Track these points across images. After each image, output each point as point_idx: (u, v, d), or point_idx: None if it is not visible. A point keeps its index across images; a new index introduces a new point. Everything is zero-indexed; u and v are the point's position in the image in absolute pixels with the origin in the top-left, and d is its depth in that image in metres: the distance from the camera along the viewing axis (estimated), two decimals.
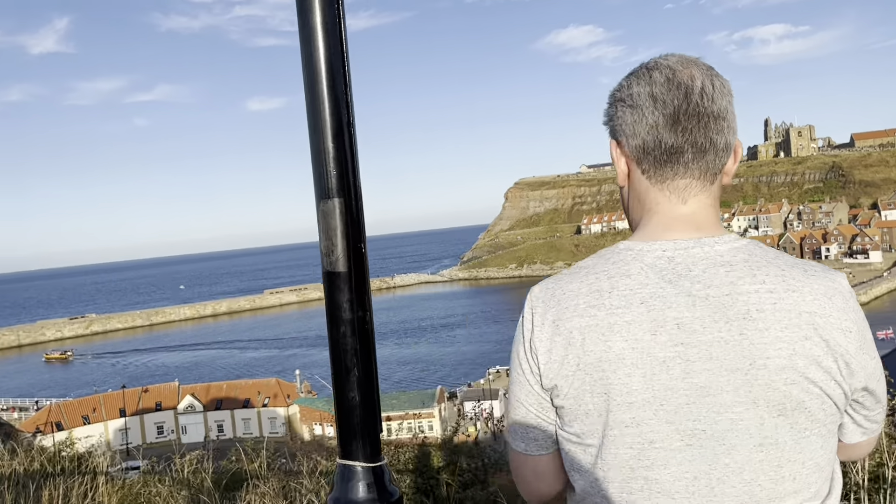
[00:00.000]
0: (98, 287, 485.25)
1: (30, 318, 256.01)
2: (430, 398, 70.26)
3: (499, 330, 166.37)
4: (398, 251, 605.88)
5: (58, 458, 8.59)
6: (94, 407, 73.86)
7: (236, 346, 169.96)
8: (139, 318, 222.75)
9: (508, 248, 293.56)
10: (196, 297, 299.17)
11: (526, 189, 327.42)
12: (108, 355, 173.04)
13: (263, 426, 74.60)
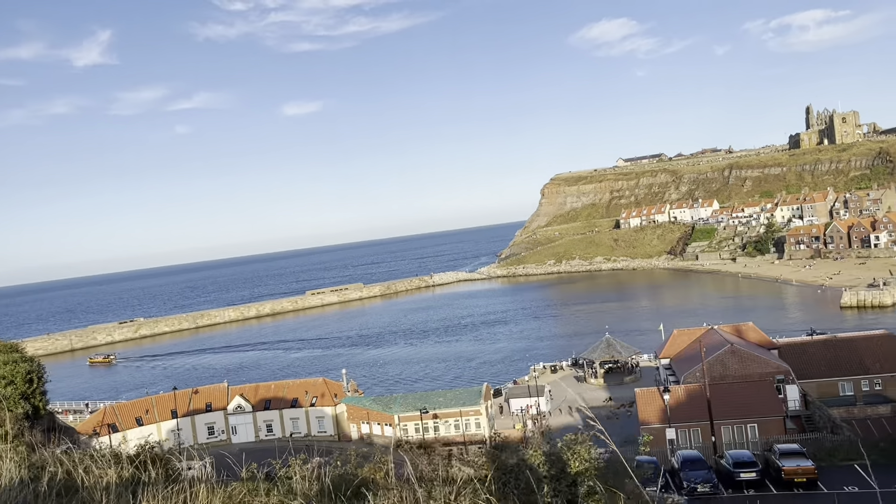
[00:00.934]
0: (145, 292, 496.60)
1: (81, 323, 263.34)
2: (477, 395, 70.30)
3: (539, 326, 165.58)
4: (435, 250, 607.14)
5: (147, 462, 8.84)
6: (146, 408, 75.62)
7: (280, 346, 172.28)
8: (185, 322, 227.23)
9: (546, 244, 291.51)
10: (238, 299, 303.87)
11: (562, 184, 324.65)
12: (148, 358, 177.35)
13: (312, 425, 75.58)
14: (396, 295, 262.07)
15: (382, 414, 71.27)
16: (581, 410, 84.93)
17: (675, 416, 49.66)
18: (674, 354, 72.61)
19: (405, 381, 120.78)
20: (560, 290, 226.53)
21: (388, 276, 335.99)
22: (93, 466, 7.63)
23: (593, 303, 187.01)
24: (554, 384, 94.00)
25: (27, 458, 7.37)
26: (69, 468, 7.07)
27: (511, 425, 79.20)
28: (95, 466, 6.66)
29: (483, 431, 69.92)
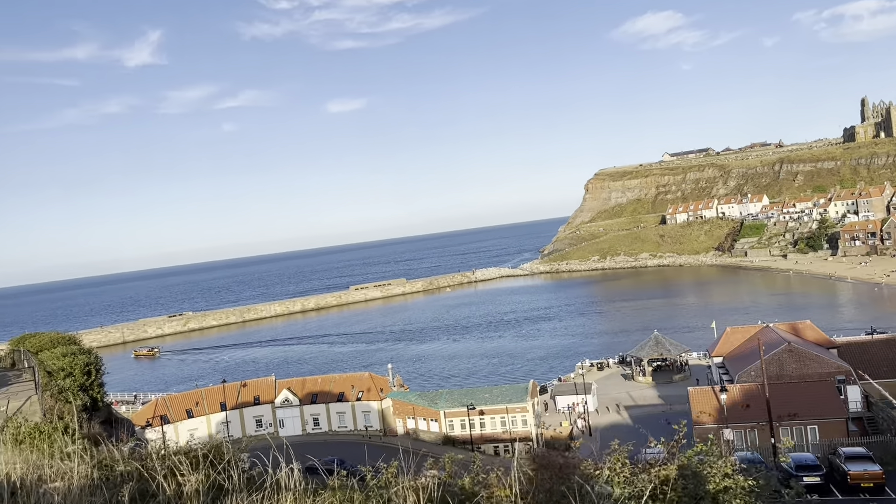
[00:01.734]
0: (192, 286, 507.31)
1: (132, 316, 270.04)
2: (523, 392, 69.51)
3: (584, 323, 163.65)
4: (477, 246, 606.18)
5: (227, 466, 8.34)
6: (196, 401, 76.75)
7: (325, 341, 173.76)
8: (232, 316, 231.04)
9: (590, 239, 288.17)
10: (283, 294, 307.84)
11: (607, 179, 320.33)
12: (192, 351, 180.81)
13: (358, 420, 75.77)
14: (439, 290, 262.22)
15: (428, 409, 71.02)
16: (628, 409, 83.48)
17: (731, 416, 48.15)
18: (727, 352, 70.67)
19: (448, 376, 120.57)
20: (604, 286, 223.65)
21: (430, 271, 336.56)
22: (158, 467, 7.24)
23: (639, 299, 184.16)
24: (600, 382, 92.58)
25: (95, 457, 6.97)
26: (140, 469, 6.65)
27: (557, 423, 78.24)
28: (172, 468, 6.14)
29: (529, 429, 69.12)
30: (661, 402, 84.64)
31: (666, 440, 9.68)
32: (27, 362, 31.45)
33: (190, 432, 71.62)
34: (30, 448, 14.65)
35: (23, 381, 29.89)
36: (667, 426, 45.99)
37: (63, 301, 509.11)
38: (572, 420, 76.37)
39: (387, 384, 78.27)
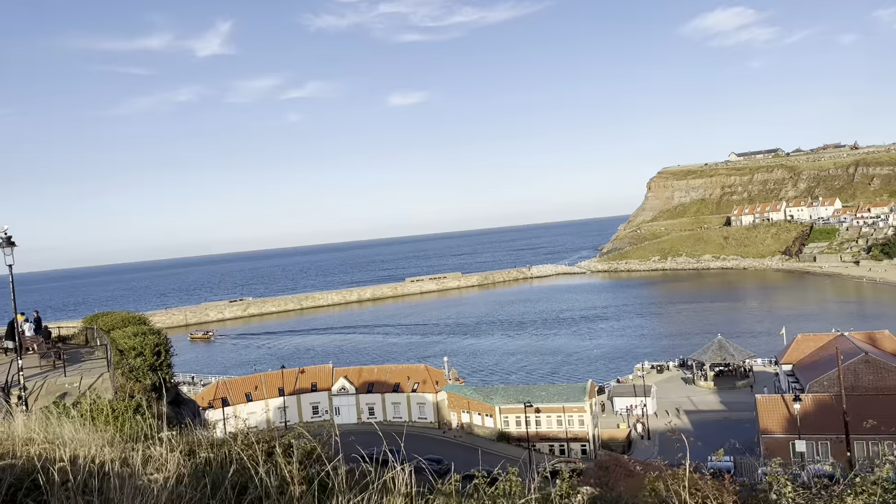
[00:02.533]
0: (253, 272, 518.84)
1: (195, 300, 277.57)
2: (581, 392, 68.27)
3: (642, 324, 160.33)
4: (533, 242, 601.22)
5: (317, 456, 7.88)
6: (255, 385, 78.05)
7: (380, 331, 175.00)
8: (291, 303, 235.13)
9: (651, 239, 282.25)
10: (340, 283, 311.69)
11: (671, 178, 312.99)
12: (245, 336, 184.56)
13: (413, 411, 75.79)
14: (494, 285, 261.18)
15: (483, 404, 70.49)
16: (688, 414, 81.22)
17: (805, 427, 46.04)
18: (797, 360, 67.87)
19: (501, 372, 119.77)
20: (665, 287, 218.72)
21: (485, 266, 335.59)
22: (260, 459, 6.74)
23: (700, 302, 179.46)
24: (659, 385, 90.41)
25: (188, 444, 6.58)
26: (245, 460, 6.22)
27: (614, 424, 76.70)
28: (265, 460, 5.67)
29: (586, 429, 67.86)
30: (723, 407, 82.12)
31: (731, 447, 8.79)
32: (99, 340, 32.20)
33: (249, 416, 72.93)
34: (104, 425, 14.65)
35: (95, 358, 30.59)
36: (729, 433, 43.96)
37: (130, 283, 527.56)
38: (630, 422, 74.74)
39: (442, 377, 78.04)
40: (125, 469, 5.19)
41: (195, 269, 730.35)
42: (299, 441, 7.92)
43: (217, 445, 6.97)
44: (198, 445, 7.02)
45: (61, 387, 24.81)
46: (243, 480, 5.16)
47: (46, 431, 9.47)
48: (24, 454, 6.20)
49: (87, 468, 5.10)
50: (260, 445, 7.66)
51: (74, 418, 14.35)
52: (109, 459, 5.35)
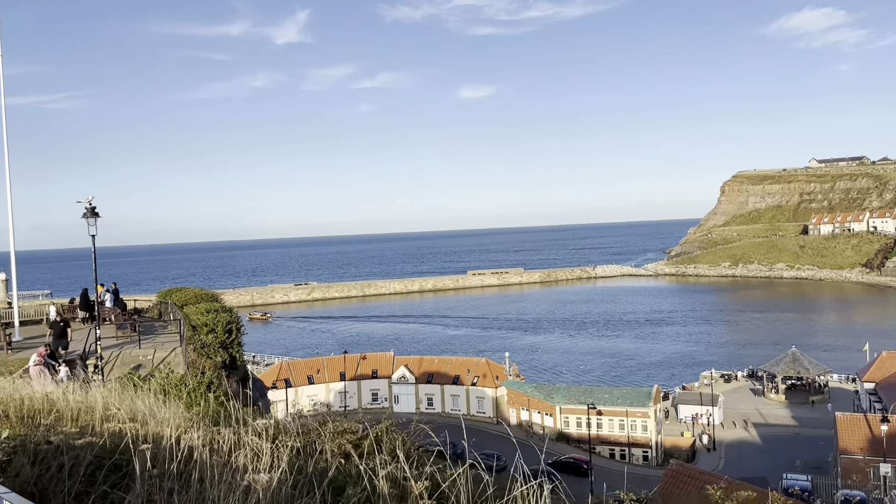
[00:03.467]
0: (319, 257, 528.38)
1: (262, 282, 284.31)
2: (646, 397, 66.38)
3: (709, 331, 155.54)
4: (597, 241, 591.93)
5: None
6: (318, 368, 78.91)
7: (440, 322, 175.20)
8: (354, 289, 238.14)
9: (722, 244, 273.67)
10: (402, 273, 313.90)
11: (746, 182, 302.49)
12: (300, 319, 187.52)
13: (471, 405, 75.27)
14: (556, 283, 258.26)
15: (543, 403, 69.35)
16: (757, 427, 78.14)
17: (892, 449, 43.37)
18: (881, 379, 64.25)
19: (560, 371, 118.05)
20: (734, 294, 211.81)
21: (547, 263, 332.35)
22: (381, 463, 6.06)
23: (772, 312, 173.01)
24: (727, 394, 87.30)
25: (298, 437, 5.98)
26: (319, 447, 5.65)
27: (678, 432, 74.42)
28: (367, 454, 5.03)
29: (650, 435, 65.97)
30: (794, 423, 78.71)
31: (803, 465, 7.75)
32: (173, 315, 32.78)
33: (309, 398, 73.84)
34: (176, 400, 14.45)
35: (168, 332, 31.11)
36: (800, 450, 41.44)
37: (202, 262, 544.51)
38: (695, 431, 72.35)
39: (503, 372, 77.20)
40: (215, 458, 4.67)
41: (263, 251, 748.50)
42: (393, 434, 7.32)
43: (304, 434, 6.40)
44: (284, 433, 6.47)
45: (135, 358, 25.20)
46: (340, 478, 4.53)
47: (126, 405, 9.14)
48: (104, 431, 5.77)
49: (174, 453, 4.61)
50: (346, 436, 7.08)
51: (150, 391, 14.17)
52: (199, 444, 4.85)
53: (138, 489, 4.40)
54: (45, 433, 6.23)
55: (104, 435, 5.46)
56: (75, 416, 8.20)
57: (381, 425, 7.78)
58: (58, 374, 20.85)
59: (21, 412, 7.89)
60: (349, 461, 4.98)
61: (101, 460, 5.39)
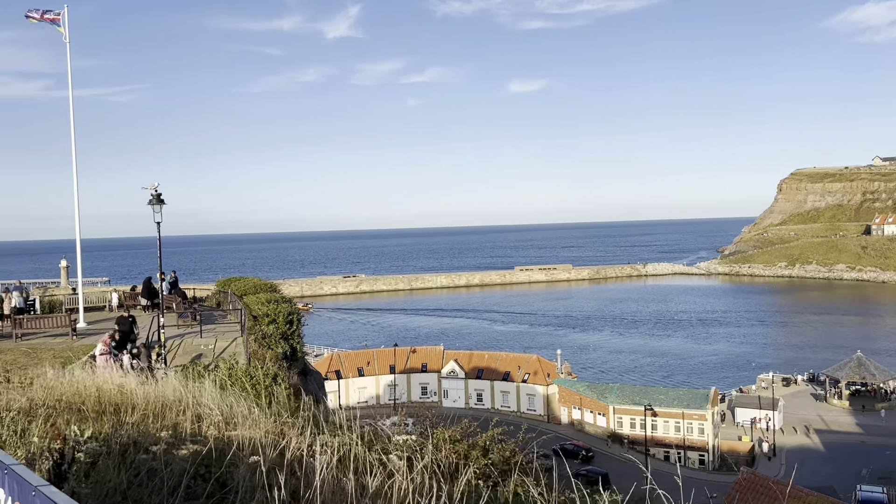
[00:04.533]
0: (366, 250, 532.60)
1: (311, 273, 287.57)
2: (703, 399, 64.43)
3: (764, 333, 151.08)
4: (647, 239, 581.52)
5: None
6: (368, 360, 78.93)
7: (487, 317, 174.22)
8: (401, 283, 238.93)
9: (778, 244, 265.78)
10: (448, 267, 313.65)
11: (805, 181, 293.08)
12: (341, 311, 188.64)
13: (521, 402, 74.29)
14: (605, 280, 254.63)
15: (596, 402, 67.97)
16: (819, 433, 75.27)
17: None
18: None
19: (610, 370, 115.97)
20: (791, 295, 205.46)
21: (594, 260, 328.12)
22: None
23: (831, 314, 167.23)
24: (786, 399, 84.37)
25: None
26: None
27: (735, 436, 72.16)
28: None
29: (706, 439, 64.04)
30: (859, 430, 75.60)
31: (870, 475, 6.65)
32: (232, 304, 32.75)
33: (359, 390, 73.89)
34: (240, 391, 13.94)
35: (227, 322, 31.03)
36: (865, 459, 39.03)
37: (251, 253, 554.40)
38: (754, 436, 70.00)
39: (554, 370, 76.00)
40: (344, 479, 3.94)
41: (312, 243, 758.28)
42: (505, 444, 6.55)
43: (417, 446, 5.66)
44: (389, 442, 5.76)
45: (197, 347, 25.09)
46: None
47: (211, 401, 8.59)
48: (203, 435, 5.13)
49: (292, 468, 3.93)
50: (458, 445, 6.33)
51: (234, 386, 13.67)
52: (325, 461, 4.11)
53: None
54: (135, 433, 5.61)
55: (205, 440, 4.82)
56: (157, 412, 7.64)
57: (489, 433, 7.00)
58: (122, 364, 20.75)
59: (99, 406, 7.35)
60: (490, 483, 4.23)
61: (198, 468, 4.74)
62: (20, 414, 7.02)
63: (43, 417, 6.95)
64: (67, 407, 7.67)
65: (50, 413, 6.99)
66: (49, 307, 34.86)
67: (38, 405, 7.73)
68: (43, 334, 28.26)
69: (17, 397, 8.02)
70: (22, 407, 7.40)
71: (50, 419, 6.83)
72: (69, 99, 30.00)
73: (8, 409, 7.48)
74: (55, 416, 6.85)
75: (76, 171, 31.24)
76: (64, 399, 7.92)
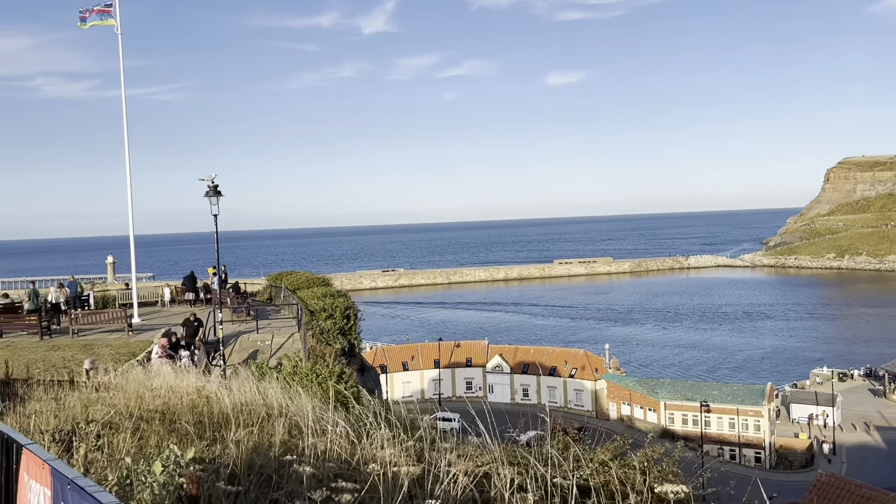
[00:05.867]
0: (403, 245, 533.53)
1: (349, 268, 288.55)
2: (759, 395, 62.32)
3: (814, 326, 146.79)
4: (686, 231, 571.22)
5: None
6: (412, 355, 78.30)
7: (526, 311, 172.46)
8: (439, 276, 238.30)
9: (826, 235, 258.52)
10: (485, 261, 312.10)
11: (853, 169, 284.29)
12: (370, 304, 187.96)
13: (569, 397, 72.91)
14: (647, 273, 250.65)
15: (647, 397, 66.30)
16: (879, 430, 72.39)
17: None
18: None
19: (655, 364, 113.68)
20: (841, 288, 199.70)
21: (634, 253, 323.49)
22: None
23: (884, 307, 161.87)
24: (843, 395, 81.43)
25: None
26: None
27: (791, 433, 69.79)
28: None
29: (762, 436, 61.96)
30: None
31: None
32: (285, 299, 32.19)
33: (404, 385, 73.30)
34: (307, 389, 13.04)
35: (281, 317, 30.46)
36: None
37: (289, 248, 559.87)
38: (812, 434, 67.60)
39: (602, 365, 74.44)
40: None
41: (351, 238, 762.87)
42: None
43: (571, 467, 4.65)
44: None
45: (253, 344, 24.51)
46: None
47: (289, 404, 7.69)
48: (323, 452, 4.17)
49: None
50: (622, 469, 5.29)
51: (308, 386, 12.83)
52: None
53: None
54: (250, 455, 4.65)
55: (356, 473, 3.86)
56: (250, 422, 6.73)
57: (645, 452, 5.94)
58: (180, 361, 20.15)
59: (196, 416, 6.46)
60: None
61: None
62: (106, 427, 6.18)
63: (130, 430, 6.11)
64: (152, 415, 6.83)
65: (137, 425, 6.14)
66: (103, 302, 34.79)
67: (122, 414, 6.91)
68: (98, 330, 28.01)
69: (98, 407, 7.21)
70: (105, 417, 6.56)
71: (138, 432, 5.98)
72: (121, 88, 29.63)
73: (88, 419, 6.65)
74: (144, 429, 5.99)
75: (129, 170, 30.94)
76: (146, 405, 7.09)
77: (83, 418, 6.75)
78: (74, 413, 7.41)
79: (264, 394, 8.26)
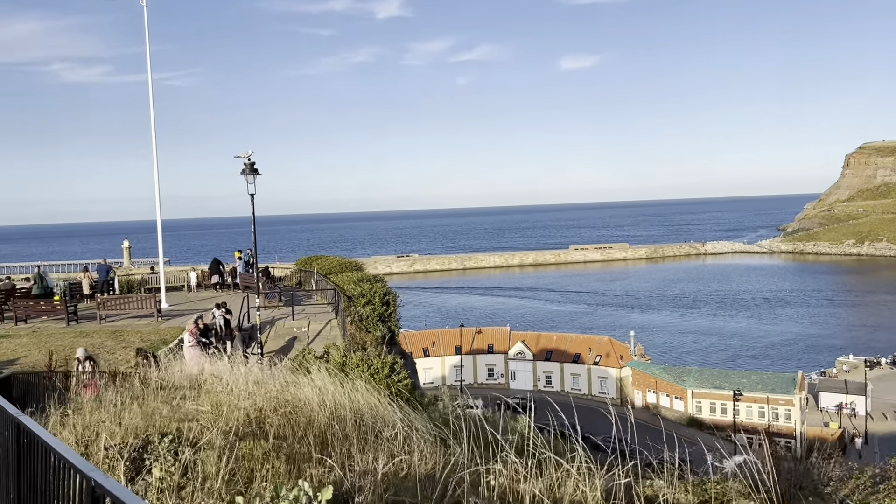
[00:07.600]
0: (417, 230, 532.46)
1: (363, 253, 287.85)
2: (790, 383, 60.91)
3: (835, 313, 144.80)
4: (703, 217, 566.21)
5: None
6: (433, 341, 77.31)
7: (542, 297, 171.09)
8: (454, 262, 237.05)
9: (846, 221, 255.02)
10: (500, 247, 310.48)
11: (874, 154, 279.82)
12: (395, 289, 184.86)
13: (593, 385, 71.76)
14: (663, 260, 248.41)
15: (673, 385, 65.04)
16: None
17: None
18: None
19: (675, 351, 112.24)
20: (861, 275, 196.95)
21: (651, 239, 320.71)
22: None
23: None
24: (872, 382, 79.86)
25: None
26: None
27: (820, 422, 68.36)
28: None
29: (793, 425, 60.63)
30: None
31: None
32: (317, 283, 31.12)
33: (425, 371, 72.33)
34: (375, 386, 11.81)
35: (314, 302, 29.38)
36: None
37: (304, 233, 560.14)
38: (842, 422, 66.16)
39: (627, 352, 73.20)
40: None
41: (366, 223, 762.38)
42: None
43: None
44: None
45: (289, 331, 23.46)
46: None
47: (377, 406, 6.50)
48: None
49: None
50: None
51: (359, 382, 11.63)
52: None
53: None
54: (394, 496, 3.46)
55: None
56: (367, 437, 5.55)
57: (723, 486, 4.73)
58: (209, 349, 19.15)
59: (293, 431, 5.24)
60: None
61: None
62: (180, 441, 4.97)
63: (219, 447, 4.91)
64: (237, 425, 5.65)
65: (230, 443, 4.90)
66: (127, 287, 33.90)
67: (195, 419, 5.75)
68: (126, 315, 27.08)
69: (164, 414, 6.02)
70: (181, 433, 5.31)
71: (240, 458, 4.74)
72: (147, 63, 28.46)
73: (161, 430, 5.43)
74: (243, 453, 4.75)
75: (156, 155, 29.91)
76: (230, 410, 5.91)
77: (153, 427, 5.60)
78: (136, 423, 6.25)
79: (351, 396, 7.07)
